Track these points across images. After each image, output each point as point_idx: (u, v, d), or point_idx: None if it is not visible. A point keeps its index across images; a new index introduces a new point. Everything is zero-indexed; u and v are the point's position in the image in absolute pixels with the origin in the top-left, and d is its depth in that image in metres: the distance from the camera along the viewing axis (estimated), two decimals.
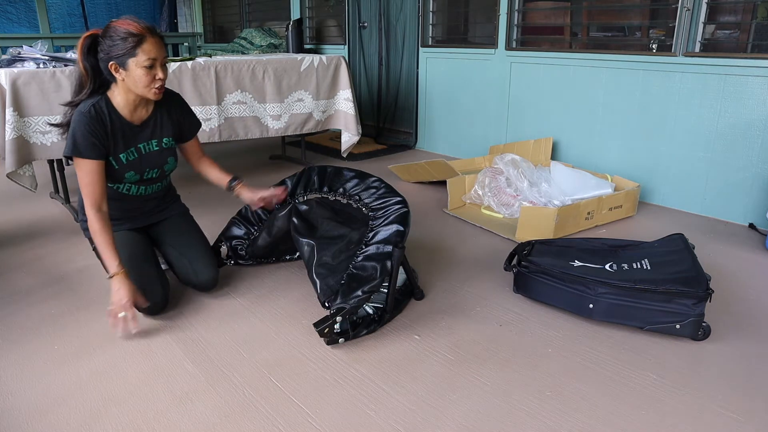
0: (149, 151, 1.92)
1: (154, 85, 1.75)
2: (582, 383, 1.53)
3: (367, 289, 1.69)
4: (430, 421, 1.38)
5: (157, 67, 1.73)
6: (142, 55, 1.68)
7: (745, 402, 1.45)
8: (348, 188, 2.07)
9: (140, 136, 1.89)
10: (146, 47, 1.68)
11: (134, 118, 1.86)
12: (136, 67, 1.70)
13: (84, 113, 1.73)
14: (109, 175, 1.85)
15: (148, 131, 1.91)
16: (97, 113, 1.75)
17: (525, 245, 2.06)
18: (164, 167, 1.98)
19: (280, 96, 3.39)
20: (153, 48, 1.70)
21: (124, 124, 1.83)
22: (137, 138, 1.88)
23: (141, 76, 1.71)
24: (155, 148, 1.93)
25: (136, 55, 1.68)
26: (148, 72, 1.71)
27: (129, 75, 1.72)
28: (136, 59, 1.68)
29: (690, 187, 2.92)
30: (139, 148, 1.89)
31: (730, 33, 3.03)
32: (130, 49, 1.67)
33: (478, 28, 4.33)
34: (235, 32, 6.24)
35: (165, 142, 1.95)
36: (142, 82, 1.72)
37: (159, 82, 1.75)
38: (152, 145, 1.92)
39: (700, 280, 1.69)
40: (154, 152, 1.93)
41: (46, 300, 2.00)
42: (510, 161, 2.97)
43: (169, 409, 1.43)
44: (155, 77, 1.74)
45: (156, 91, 1.78)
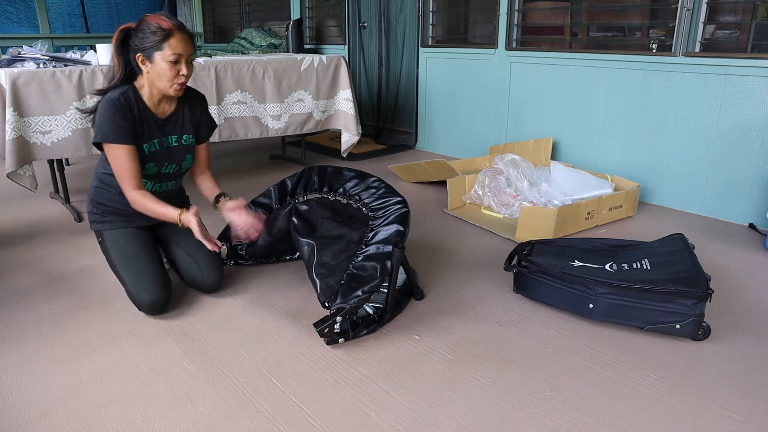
0: (170, 146, 1.95)
1: (176, 81, 1.79)
2: (582, 383, 1.53)
3: (367, 289, 1.69)
4: (430, 421, 1.38)
5: (182, 63, 1.77)
6: (168, 49, 1.73)
7: (745, 402, 1.45)
8: (348, 188, 2.07)
9: (164, 129, 1.92)
10: (173, 42, 1.73)
11: (159, 111, 1.90)
12: (161, 60, 1.74)
13: (113, 100, 1.77)
14: None
15: (171, 126, 1.94)
16: (126, 100, 1.79)
17: (525, 245, 2.06)
18: (182, 164, 2.01)
19: (280, 96, 3.39)
20: (179, 44, 1.74)
21: (150, 115, 1.87)
22: (161, 131, 1.91)
23: (165, 70, 1.75)
24: (175, 144, 1.96)
25: (163, 49, 1.73)
26: (172, 67, 1.75)
27: (154, 68, 1.76)
28: (163, 53, 1.73)
29: (690, 187, 2.92)
30: (162, 141, 1.92)
31: (730, 33, 3.03)
32: (158, 42, 1.72)
33: (478, 28, 4.33)
34: (235, 32, 6.24)
35: (185, 138, 1.99)
36: (166, 76, 1.76)
37: (182, 78, 1.79)
38: (173, 140, 1.95)
39: (700, 280, 1.69)
40: (174, 147, 1.96)
41: (46, 300, 2.00)
42: (510, 161, 2.97)
43: (169, 409, 1.43)
44: (179, 72, 1.77)
45: (177, 87, 1.81)
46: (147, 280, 1.83)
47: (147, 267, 1.87)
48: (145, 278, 1.83)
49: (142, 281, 1.82)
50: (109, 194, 1.95)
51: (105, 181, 1.94)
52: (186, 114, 1.98)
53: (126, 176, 1.80)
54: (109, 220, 1.97)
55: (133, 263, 1.86)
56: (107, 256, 1.95)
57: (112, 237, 1.94)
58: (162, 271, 1.91)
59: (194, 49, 1.83)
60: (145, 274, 1.84)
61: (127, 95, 1.80)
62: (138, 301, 1.84)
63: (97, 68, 2.72)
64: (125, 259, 1.89)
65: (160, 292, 1.83)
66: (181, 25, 1.76)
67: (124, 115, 1.77)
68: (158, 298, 1.83)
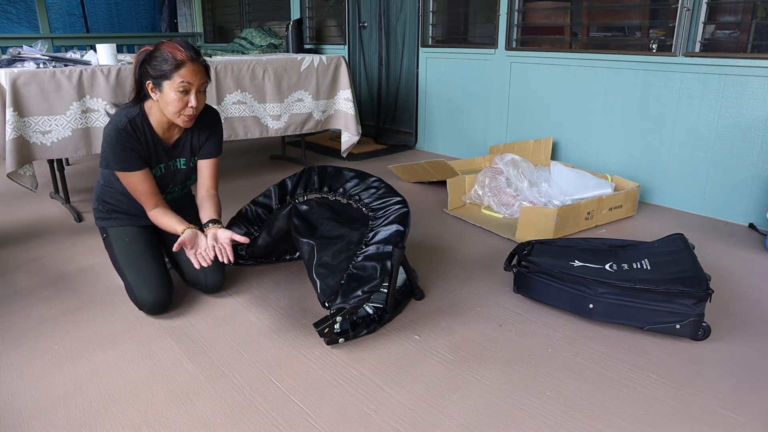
0: (177, 169, 1.95)
1: (185, 113, 1.74)
2: (582, 383, 1.53)
3: (367, 289, 1.69)
4: (430, 421, 1.38)
5: (191, 94, 1.72)
6: (178, 78, 1.68)
7: (745, 402, 1.45)
8: (348, 188, 2.07)
9: (171, 154, 1.91)
10: (183, 72, 1.68)
11: (166, 136, 1.88)
12: (170, 90, 1.70)
13: (121, 129, 1.75)
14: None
15: (179, 150, 1.93)
16: (133, 129, 1.77)
17: (525, 245, 2.06)
18: (187, 182, 2.04)
19: (280, 96, 3.39)
20: (189, 73, 1.69)
21: (157, 142, 1.85)
22: (168, 156, 1.90)
23: (174, 100, 1.71)
24: (183, 167, 1.96)
25: (172, 78, 1.68)
26: (181, 97, 1.71)
27: (163, 97, 1.72)
28: (171, 82, 1.69)
29: (690, 187, 2.92)
30: (169, 166, 1.93)
31: (730, 33, 3.03)
32: (169, 71, 1.68)
33: (478, 28, 4.33)
34: (235, 32, 6.23)
35: (192, 161, 1.98)
36: (173, 106, 1.72)
37: (190, 110, 1.74)
38: (180, 163, 1.95)
39: (700, 280, 1.69)
40: (181, 170, 1.97)
41: (46, 300, 2.00)
42: (510, 161, 2.97)
43: (169, 409, 1.43)
44: (187, 104, 1.72)
45: (186, 119, 1.76)
46: (149, 279, 1.83)
47: (150, 267, 1.87)
48: (148, 278, 1.84)
49: (144, 281, 1.83)
50: (115, 194, 1.95)
51: (110, 181, 1.94)
52: (194, 136, 1.94)
53: (145, 199, 1.83)
54: (115, 218, 1.97)
55: (136, 262, 1.87)
56: (111, 254, 1.95)
57: (116, 234, 1.94)
58: (164, 271, 1.91)
59: (207, 79, 1.77)
60: (148, 274, 1.84)
61: (134, 123, 1.78)
62: (139, 301, 1.84)
63: (97, 68, 2.72)
64: (129, 257, 1.89)
65: (161, 292, 1.84)
66: (195, 54, 1.71)
67: (130, 145, 1.76)
68: (160, 298, 1.83)
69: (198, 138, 1.95)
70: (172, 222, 1.82)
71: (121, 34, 6.62)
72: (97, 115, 2.75)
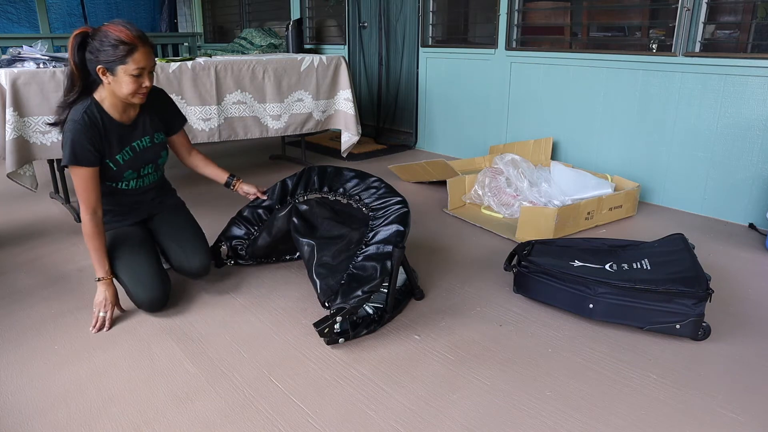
0: (143, 148, 1.95)
1: (139, 92, 1.77)
2: (582, 383, 1.53)
3: (367, 289, 1.69)
4: (430, 421, 1.38)
5: (144, 76, 1.75)
6: (132, 63, 1.70)
7: (745, 402, 1.45)
8: (348, 188, 2.07)
9: (133, 134, 1.91)
10: (137, 57, 1.70)
11: (124, 119, 1.88)
12: (124, 74, 1.71)
13: (77, 121, 1.74)
14: (109, 177, 1.89)
15: (140, 129, 1.94)
16: (90, 119, 1.77)
17: (525, 245, 2.06)
18: (158, 161, 2.03)
19: (280, 96, 3.39)
20: (143, 57, 1.72)
21: (116, 126, 1.85)
22: (131, 137, 1.91)
23: (128, 83, 1.73)
24: (148, 144, 1.97)
25: (126, 63, 1.70)
26: (135, 80, 1.73)
27: (116, 80, 1.73)
28: (126, 67, 1.70)
29: (690, 187, 2.92)
30: (134, 147, 1.92)
31: (730, 33, 3.03)
32: (121, 56, 1.68)
33: (478, 28, 4.33)
34: (235, 32, 6.23)
35: (156, 137, 1.99)
36: (128, 88, 1.74)
37: (144, 89, 1.78)
38: (145, 142, 1.95)
39: (700, 280, 1.69)
40: (147, 148, 1.96)
41: (46, 300, 2.00)
42: (510, 161, 2.97)
43: (169, 409, 1.43)
44: (141, 85, 1.75)
45: (140, 96, 1.79)
46: (144, 279, 1.85)
47: (143, 266, 1.88)
48: (143, 278, 1.85)
49: (140, 281, 1.84)
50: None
51: None
52: (151, 113, 1.97)
53: (84, 197, 1.78)
54: (106, 221, 1.96)
55: (130, 264, 1.87)
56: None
57: (108, 239, 1.93)
58: (159, 268, 1.92)
59: (155, 61, 1.81)
60: (143, 274, 1.85)
61: (90, 112, 1.77)
62: (137, 300, 1.86)
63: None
64: (123, 261, 1.88)
65: (157, 290, 1.85)
66: (143, 36, 1.73)
67: (90, 137, 1.75)
68: (156, 296, 1.85)
69: (155, 113, 1.99)
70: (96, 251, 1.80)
71: None
72: None
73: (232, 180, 2.19)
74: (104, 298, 1.82)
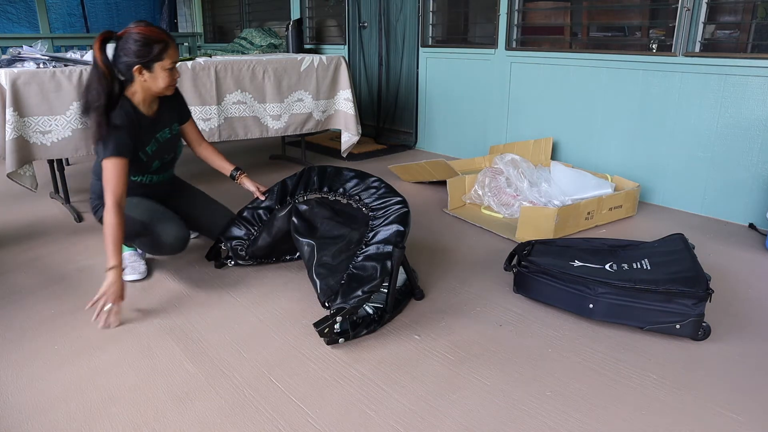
0: (165, 139, 2.11)
1: (171, 83, 1.97)
2: (582, 383, 1.53)
3: (367, 289, 1.69)
4: (430, 421, 1.38)
5: (175, 69, 1.96)
6: (167, 59, 1.90)
7: (745, 402, 1.45)
8: (348, 188, 2.07)
9: (157, 127, 2.07)
10: (170, 52, 1.90)
11: (150, 112, 2.04)
12: (161, 69, 1.90)
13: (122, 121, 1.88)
14: (137, 169, 2.04)
15: (162, 121, 2.10)
16: (127, 115, 1.91)
17: (525, 245, 2.06)
18: (177, 152, 2.22)
19: (280, 96, 3.39)
20: (174, 52, 1.92)
21: (145, 120, 2.01)
22: (155, 129, 2.07)
23: (164, 77, 1.92)
24: (168, 135, 2.13)
25: (162, 59, 1.89)
26: (170, 74, 1.93)
27: (153, 76, 1.91)
28: (162, 63, 1.89)
29: (690, 187, 2.92)
30: (158, 138, 2.08)
31: (730, 33, 3.03)
32: (158, 54, 1.87)
33: (478, 28, 4.33)
34: (235, 32, 6.23)
35: (174, 128, 2.17)
36: (164, 82, 1.93)
37: (175, 80, 1.99)
38: (166, 133, 2.12)
39: (700, 280, 1.69)
40: (167, 139, 2.13)
41: (46, 300, 2.00)
42: (510, 161, 2.97)
43: (169, 409, 1.43)
44: (174, 77, 1.96)
45: (172, 88, 2.01)
46: (168, 219, 2.00)
47: (166, 212, 2.04)
48: (166, 217, 2.01)
49: (163, 220, 1.99)
50: None
51: None
52: (167, 105, 2.13)
53: (113, 187, 1.83)
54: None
55: (152, 210, 2.01)
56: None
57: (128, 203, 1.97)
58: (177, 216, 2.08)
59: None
60: (166, 216, 2.02)
61: (126, 110, 1.92)
62: (162, 237, 1.98)
63: None
64: (144, 210, 2.00)
65: (182, 228, 2.02)
66: (169, 33, 1.93)
67: (129, 132, 1.90)
68: (181, 234, 2.00)
69: (170, 105, 2.15)
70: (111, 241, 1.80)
71: None
72: None
73: (236, 173, 2.29)
74: (113, 287, 1.79)
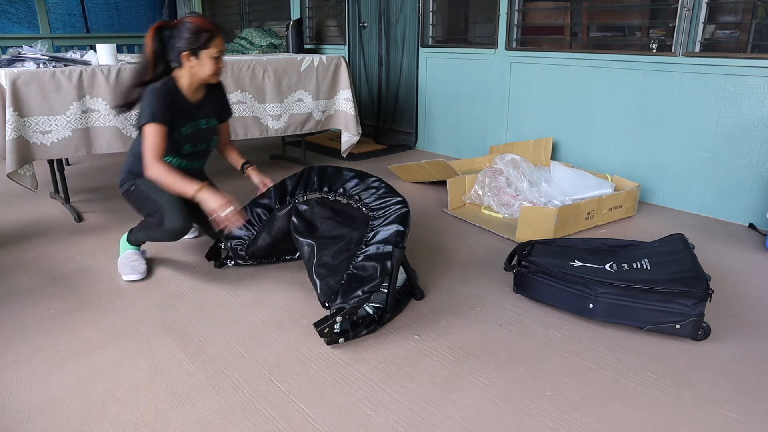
0: (201, 128, 2.21)
1: (217, 72, 2.09)
2: (582, 383, 1.53)
3: (367, 289, 1.69)
4: (430, 421, 1.38)
5: (221, 58, 2.08)
6: (214, 48, 2.02)
7: (745, 402, 1.45)
8: (348, 188, 2.07)
9: (197, 113, 2.17)
10: (217, 42, 2.03)
11: (193, 98, 2.14)
12: (207, 57, 2.03)
13: (157, 89, 2.01)
14: (171, 147, 2.09)
15: (203, 111, 2.20)
16: (168, 90, 2.04)
17: (525, 245, 2.06)
18: (211, 144, 2.31)
19: (280, 96, 3.39)
20: (221, 42, 2.05)
21: (187, 103, 2.12)
22: (195, 115, 2.16)
23: (209, 65, 2.05)
24: (205, 126, 2.22)
25: (209, 48, 2.01)
26: (215, 62, 2.05)
27: (199, 63, 2.03)
28: (208, 51, 2.02)
29: (690, 187, 2.92)
30: (195, 124, 2.18)
31: (730, 33, 3.03)
32: (205, 42, 2.00)
33: (478, 28, 4.33)
34: (235, 32, 6.23)
35: (211, 122, 2.26)
36: (209, 69, 2.06)
37: (220, 69, 2.10)
38: (203, 123, 2.21)
39: (700, 280, 1.69)
40: (204, 129, 2.22)
41: (46, 300, 2.00)
42: (510, 161, 2.97)
43: (169, 409, 1.43)
44: (219, 66, 2.08)
45: (217, 76, 2.12)
46: (180, 208, 2.07)
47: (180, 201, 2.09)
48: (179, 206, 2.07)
49: (176, 208, 2.06)
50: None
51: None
52: (212, 99, 2.25)
53: (153, 149, 1.98)
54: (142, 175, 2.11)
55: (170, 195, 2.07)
56: (140, 195, 2.14)
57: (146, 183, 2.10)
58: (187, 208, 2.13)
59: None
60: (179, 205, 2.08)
61: (168, 85, 2.05)
62: (169, 223, 2.04)
63: (97, 68, 2.72)
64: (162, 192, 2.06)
65: (188, 220, 2.09)
66: (218, 24, 2.05)
67: (168, 101, 2.02)
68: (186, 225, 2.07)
69: (214, 101, 2.27)
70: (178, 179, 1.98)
71: (121, 34, 6.61)
72: (97, 116, 2.75)
73: (245, 166, 2.40)
74: (216, 199, 1.94)
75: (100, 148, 2.80)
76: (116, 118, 2.79)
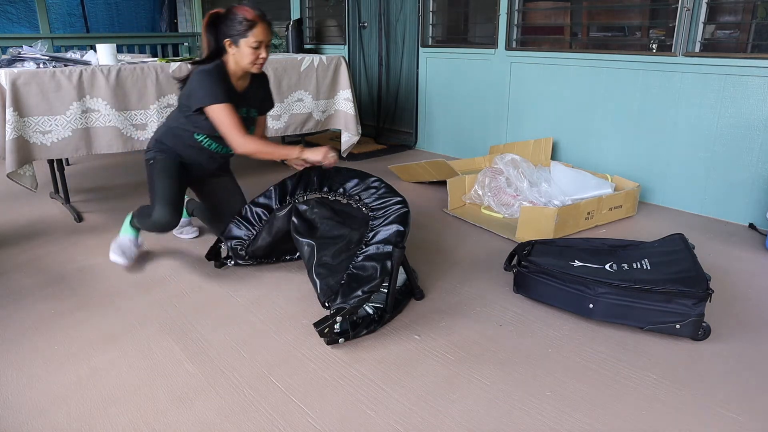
0: (241, 116, 2.17)
1: (257, 62, 2.08)
2: (582, 383, 1.53)
3: (367, 289, 1.69)
4: (430, 421, 1.38)
5: (262, 48, 2.06)
6: (252, 37, 2.02)
7: (745, 402, 1.45)
8: (348, 188, 2.07)
9: (240, 102, 2.16)
10: (256, 31, 2.02)
11: (238, 86, 2.16)
12: (246, 46, 2.03)
13: (209, 70, 2.05)
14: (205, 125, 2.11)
15: (246, 100, 2.20)
16: (219, 71, 2.08)
17: (525, 245, 2.06)
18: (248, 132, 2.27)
19: (280, 96, 3.39)
20: (261, 32, 2.03)
21: (232, 88, 2.13)
22: (238, 103, 2.14)
23: (248, 54, 2.04)
24: (245, 115, 2.21)
25: (248, 37, 2.02)
26: (254, 51, 2.04)
27: (239, 51, 2.05)
28: (247, 40, 2.02)
29: (690, 187, 2.92)
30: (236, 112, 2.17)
31: (730, 33, 3.03)
32: (244, 31, 2.01)
33: (478, 28, 4.33)
34: None
35: (252, 112, 2.27)
36: (248, 58, 2.05)
37: (261, 60, 2.08)
38: (243, 112, 2.19)
39: (700, 280, 1.69)
40: (244, 118, 2.19)
41: (46, 300, 2.00)
42: (510, 161, 2.97)
43: (169, 409, 1.43)
44: (259, 56, 2.06)
45: (258, 66, 2.10)
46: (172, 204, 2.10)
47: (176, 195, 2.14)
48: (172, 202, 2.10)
49: (168, 202, 2.09)
50: (174, 140, 2.19)
51: (177, 132, 2.19)
52: (255, 90, 2.25)
53: (231, 128, 2.04)
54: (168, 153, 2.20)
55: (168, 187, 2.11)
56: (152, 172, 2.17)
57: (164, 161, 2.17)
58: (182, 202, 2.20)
59: (272, 36, 2.12)
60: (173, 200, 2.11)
61: (220, 67, 2.09)
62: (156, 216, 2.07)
63: (97, 68, 2.72)
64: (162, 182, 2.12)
65: (176, 218, 2.10)
66: (263, 15, 2.05)
67: (222, 80, 2.06)
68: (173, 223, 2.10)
69: (258, 92, 2.28)
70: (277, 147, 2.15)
71: (121, 34, 6.61)
72: (97, 116, 2.75)
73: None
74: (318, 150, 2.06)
75: (100, 148, 2.80)
76: (116, 118, 2.79)
